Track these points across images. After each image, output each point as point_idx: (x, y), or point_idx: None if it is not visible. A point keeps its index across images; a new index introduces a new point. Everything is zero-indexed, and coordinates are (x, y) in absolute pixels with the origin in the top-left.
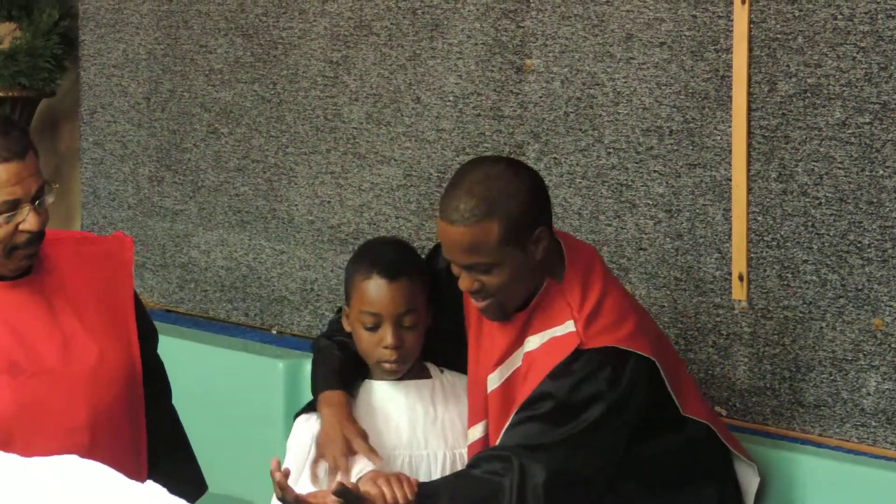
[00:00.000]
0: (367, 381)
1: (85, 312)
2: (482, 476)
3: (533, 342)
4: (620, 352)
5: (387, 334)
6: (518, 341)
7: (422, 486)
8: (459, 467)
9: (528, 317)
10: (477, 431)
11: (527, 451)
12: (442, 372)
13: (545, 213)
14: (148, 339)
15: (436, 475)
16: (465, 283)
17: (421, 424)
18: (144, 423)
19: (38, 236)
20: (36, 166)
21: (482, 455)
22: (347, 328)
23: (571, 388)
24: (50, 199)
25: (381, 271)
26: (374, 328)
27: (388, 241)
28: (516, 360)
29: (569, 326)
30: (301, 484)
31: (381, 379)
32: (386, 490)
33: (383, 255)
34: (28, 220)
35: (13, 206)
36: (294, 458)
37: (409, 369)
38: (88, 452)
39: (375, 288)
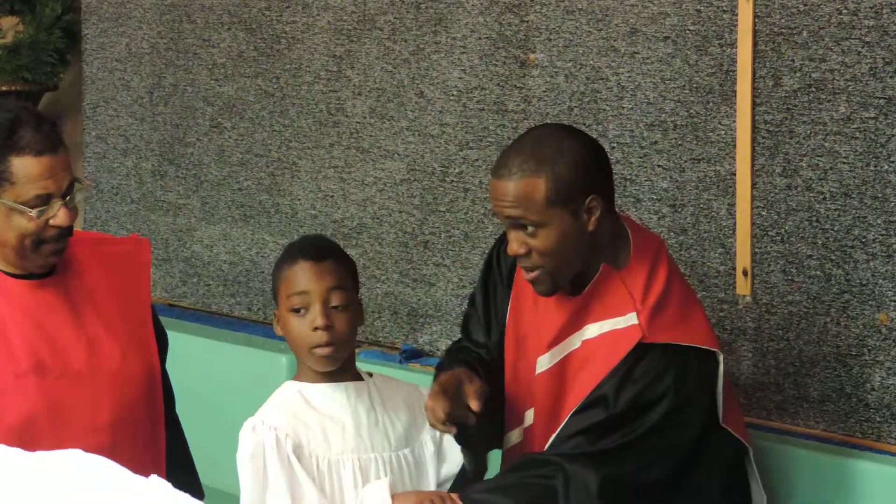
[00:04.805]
0: (306, 384)
1: (106, 313)
2: (532, 480)
3: (592, 330)
4: (685, 350)
5: (317, 315)
6: (574, 324)
7: (466, 500)
8: (405, 469)
9: (585, 302)
10: (528, 418)
11: (580, 457)
12: (371, 375)
13: (600, 183)
14: (159, 345)
15: (383, 478)
16: (513, 245)
17: (365, 427)
18: (164, 424)
19: (66, 232)
20: (67, 161)
21: (527, 459)
22: (280, 332)
23: (633, 396)
24: (80, 197)
25: (305, 255)
26: (303, 311)
27: (310, 235)
28: (572, 343)
29: (631, 319)
30: (268, 497)
31: (320, 381)
32: None
33: (306, 243)
34: (58, 216)
35: (45, 200)
36: (252, 474)
37: (346, 371)
38: (110, 452)
39: (302, 270)
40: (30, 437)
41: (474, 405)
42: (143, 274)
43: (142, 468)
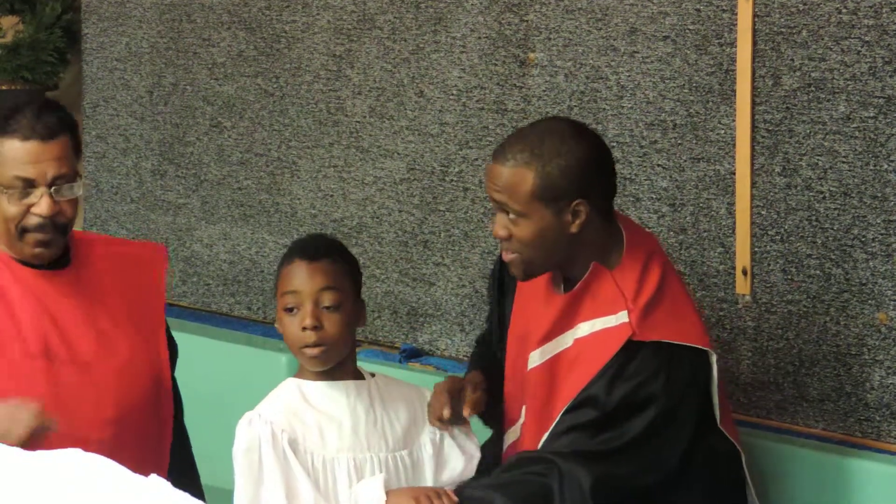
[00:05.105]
0: (305, 382)
1: (116, 311)
2: (526, 478)
3: (584, 329)
4: (677, 348)
5: (306, 315)
6: (566, 323)
7: (463, 498)
8: (401, 470)
9: (576, 300)
10: (523, 414)
11: (574, 455)
12: (373, 376)
13: (594, 188)
14: (170, 354)
15: (378, 474)
16: (496, 228)
17: (362, 426)
18: (170, 429)
19: (50, 224)
20: (63, 153)
21: (522, 457)
22: (280, 329)
23: (624, 394)
24: (76, 192)
25: (301, 255)
26: (295, 310)
27: (314, 234)
28: (564, 342)
29: (622, 317)
30: (263, 491)
31: (319, 379)
32: None
33: (305, 243)
34: (40, 204)
35: (26, 184)
36: (247, 467)
37: (346, 370)
38: (113, 447)
39: (296, 269)
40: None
41: (465, 412)
42: (157, 279)
43: (144, 468)
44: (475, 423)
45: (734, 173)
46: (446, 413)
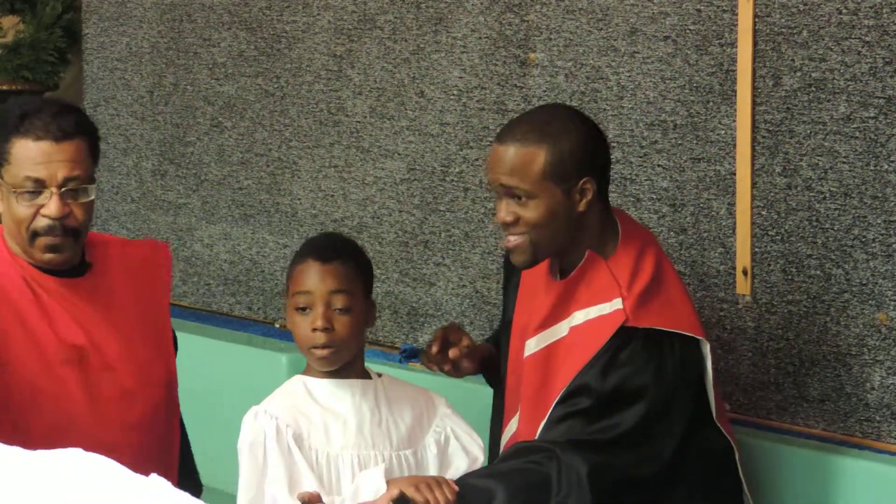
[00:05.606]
0: (311, 379)
1: (132, 314)
2: (526, 466)
3: (579, 317)
4: (669, 336)
5: (317, 316)
6: (562, 311)
7: (463, 486)
8: (405, 469)
9: (571, 288)
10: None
11: (570, 444)
12: (380, 376)
13: (596, 167)
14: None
15: (380, 464)
16: (501, 213)
17: (367, 425)
18: (179, 428)
19: (61, 227)
20: (76, 156)
21: (520, 446)
22: (290, 327)
23: (617, 382)
24: (88, 196)
25: (314, 255)
26: (306, 310)
27: (328, 233)
28: (560, 331)
29: (616, 304)
30: (266, 484)
31: (326, 377)
32: (429, 496)
33: (319, 242)
34: (49, 205)
35: (37, 185)
36: (251, 460)
37: (353, 369)
38: (137, 452)
39: (308, 270)
40: (70, 425)
41: (452, 353)
42: (163, 278)
43: (159, 472)
44: (478, 424)
45: (734, 173)
46: (434, 348)
